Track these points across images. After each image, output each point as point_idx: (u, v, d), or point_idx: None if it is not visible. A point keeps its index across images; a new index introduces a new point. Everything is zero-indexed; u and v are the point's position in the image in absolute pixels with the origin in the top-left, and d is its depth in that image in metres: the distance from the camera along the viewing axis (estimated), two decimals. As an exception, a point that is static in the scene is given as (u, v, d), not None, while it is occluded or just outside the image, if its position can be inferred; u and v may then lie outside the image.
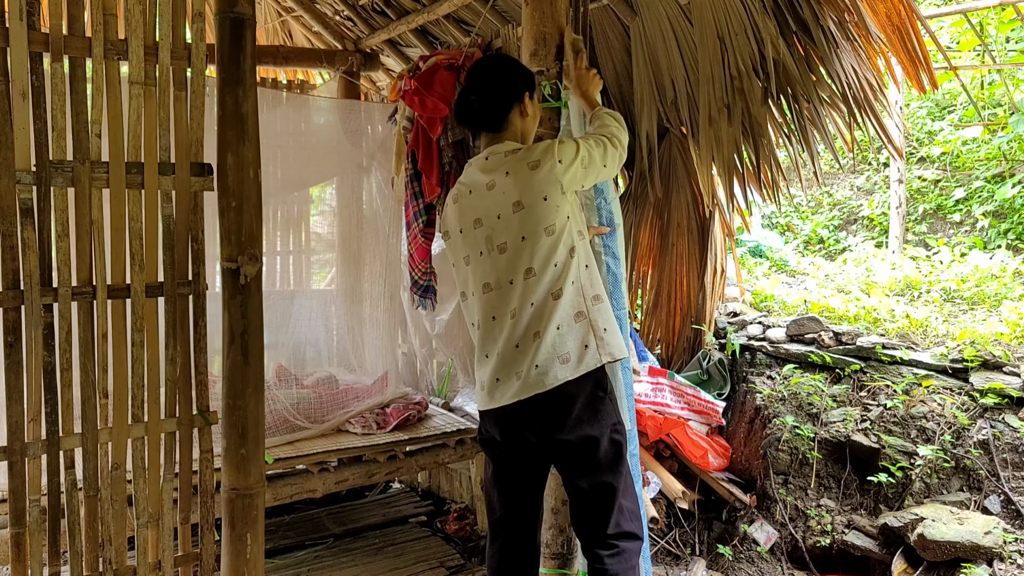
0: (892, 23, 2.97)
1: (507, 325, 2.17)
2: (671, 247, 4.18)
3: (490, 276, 2.21)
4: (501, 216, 2.18)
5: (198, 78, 2.07)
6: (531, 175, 2.14)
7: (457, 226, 2.30)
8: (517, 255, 2.16)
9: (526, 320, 2.14)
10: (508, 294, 2.18)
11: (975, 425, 3.21)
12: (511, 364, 2.16)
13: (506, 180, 2.18)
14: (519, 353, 2.15)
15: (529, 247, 2.14)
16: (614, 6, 3.62)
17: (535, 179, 2.14)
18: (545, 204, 2.14)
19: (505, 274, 2.18)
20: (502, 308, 2.19)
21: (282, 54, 4.62)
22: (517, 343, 2.15)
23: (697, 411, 3.75)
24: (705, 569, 3.33)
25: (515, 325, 2.16)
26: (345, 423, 3.65)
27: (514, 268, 2.16)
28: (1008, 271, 4.96)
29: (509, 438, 2.24)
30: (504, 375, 2.17)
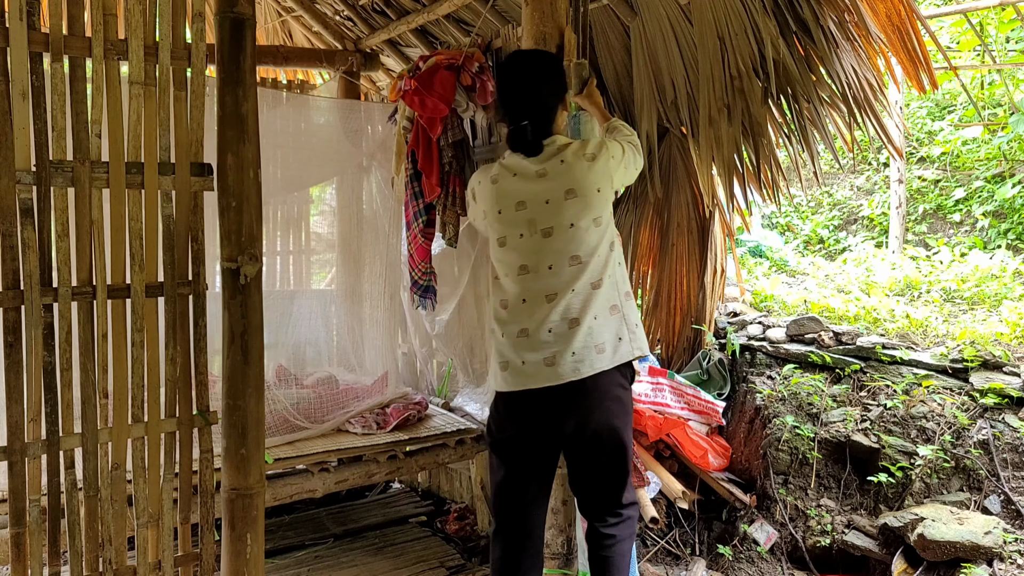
0: (892, 23, 2.97)
1: (541, 309, 2.20)
2: (671, 247, 4.18)
3: (528, 259, 2.24)
4: (550, 202, 2.21)
5: (198, 78, 2.07)
6: (589, 167, 2.23)
7: (496, 207, 2.31)
8: (564, 241, 2.20)
9: (564, 307, 2.18)
10: (546, 278, 2.21)
11: (975, 425, 3.21)
12: (541, 349, 2.18)
13: (560, 168, 2.23)
14: (554, 339, 2.18)
15: (577, 235, 2.20)
16: (614, 6, 3.62)
17: (592, 171, 2.23)
18: (598, 196, 2.23)
19: (546, 258, 2.21)
20: (536, 291, 2.22)
21: (282, 54, 4.62)
22: (551, 328, 2.18)
23: (697, 411, 3.75)
24: (705, 569, 3.33)
25: (551, 310, 2.19)
26: (345, 423, 3.65)
27: (558, 253, 2.20)
28: (1008, 271, 4.96)
29: (532, 422, 2.26)
30: (533, 359, 2.19)
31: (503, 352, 2.27)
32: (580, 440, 2.26)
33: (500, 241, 2.31)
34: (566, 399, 2.19)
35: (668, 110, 3.93)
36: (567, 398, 2.19)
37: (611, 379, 2.20)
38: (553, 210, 2.21)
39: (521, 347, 2.22)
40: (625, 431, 2.28)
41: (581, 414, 2.20)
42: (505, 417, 2.32)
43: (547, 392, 2.19)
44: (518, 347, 2.22)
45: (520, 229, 2.26)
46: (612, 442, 2.26)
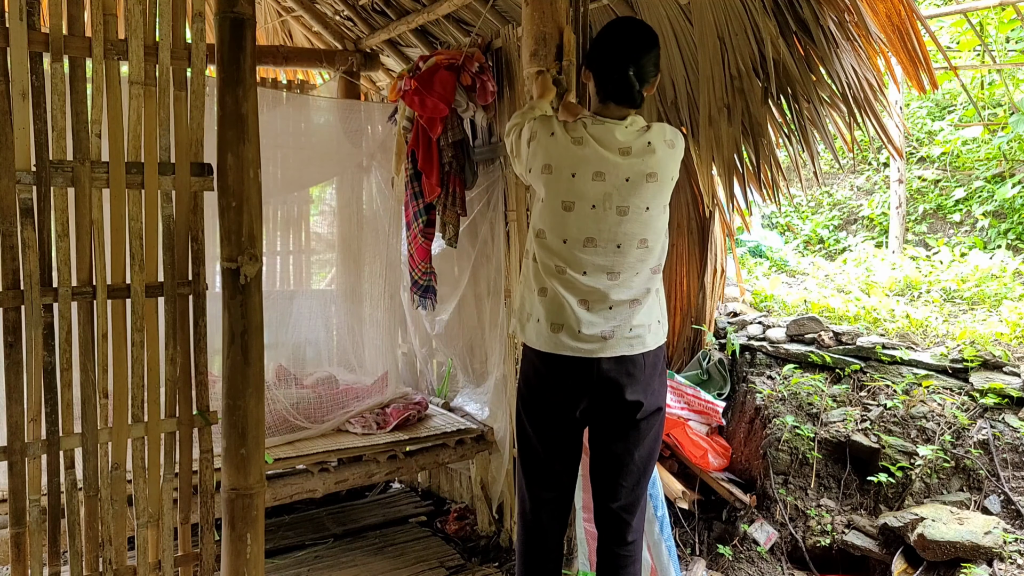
0: (892, 23, 2.97)
1: (604, 285, 2.21)
2: (671, 247, 4.18)
3: (595, 232, 2.22)
4: (631, 180, 2.20)
5: (198, 78, 2.07)
6: (670, 153, 2.24)
7: (570, 169, 2.22)
8: (637, 223, 2.21)
9: (626, 286, 2.22)
10: (612, 256, 2.22)
11: (975, 425, 3.21)
12: (600, 323, 2.21)
13: (647, 150, 2.21)
14: (615, 315, 2.22)
15: (650, 219, 2.22)
16: (614, 6, 3.62)
17: (671, 158, 2.25)
18: (671, 183, 2.26)
19: (615, 236, 2.21)
20: (599, 266, 2.22)
21: (282, 54, 4.62)
22: (612, 305, 2.21)
23: (697, 411, 3.75)
24: (705, 569, 3.33)
25: (612, 287, 2.22)
26: (345, 423, 3.65)
27: (629, 234, 2.21)
28: (1008, 271, 4.96)
29: (577, 389, 2.27)
30: (590, 332, 2.21)
31: (558, 313, 2.24)
32: (618, 413, 2.27)
33: (566, 206, 2.23)
34: (615, 376, 2.22)
35: (668, 110, 3.93)
36: (621, 370, 2.22)
37: (657, 358, 2.28)
38: (632, 190, 2.19)
39: (582, 315, 2.21)
40: (662, 413, 2.33)
41: (633, 387, 2.23)
42: (549, 379, 2.29)
43: (598, 364, 2.21)
44: (579, 314, 2.22)
45: (593, 201, 2.21)
46: (649, 419, 2.28)
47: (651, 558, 2.73)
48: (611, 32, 2.26)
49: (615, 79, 2.20)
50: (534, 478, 2.39)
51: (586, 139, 2.21)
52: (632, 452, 2.29)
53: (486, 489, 3.80)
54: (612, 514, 2.33)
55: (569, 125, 2.24)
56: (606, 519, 2.36)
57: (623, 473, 2.30)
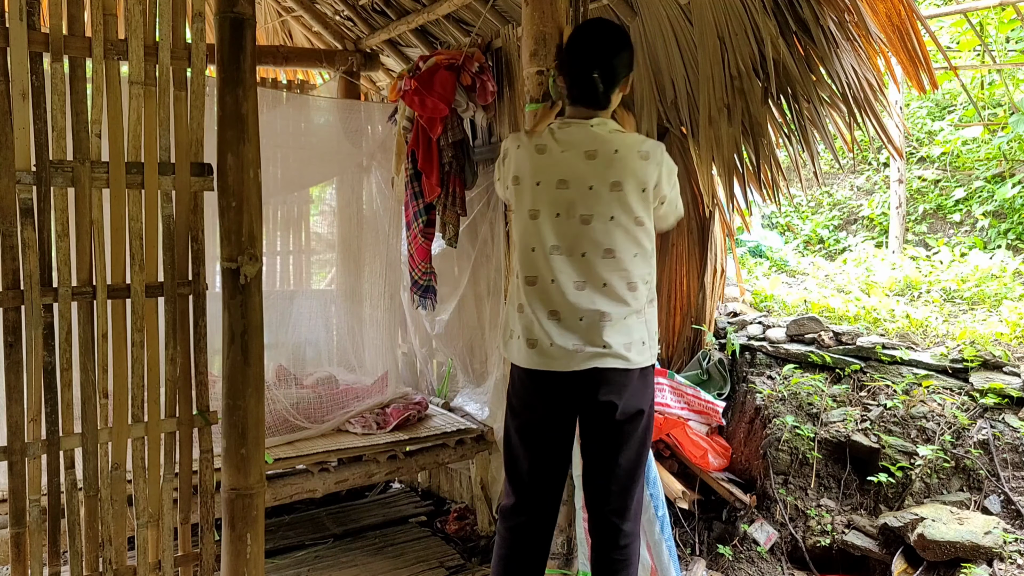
0: (892, 23, 2.97)
1: (571, 294, 2.19)
2: (671, 247, 4.18)
3: (561, 240, 2.21)
4: (594, 188, 2.18)
5: (198, 78, 2.07)
6: (640, 165, 2.18)
7: (534, 178, 2.24)
8: (601, 233, 2.18)
9: (594, 297, 2.18)
10: (577, 264, 2.20)
11: (975, 425, 3.21)
12: (571, 335, 2.18)
13: (613, 157, 2.17)
14: (585, 327, 2.18)
15: (616, 229, 2.18)
16: (614, 6, 3.62)
17: (642, 170, 2.18)
18: (642, 195, 2.20)
19: (580, 245, 2.19)
20: (567, 275, 2.20)
21: (282, 54, 4.62)
22: (582, 316, 2.18)
23: (697, 411, 3.75)
24: (705, 569, 3.33)
25: (581, 297, 2.19)
26: (345, 423, 3.65)
27: (593, 243, 2.18)
28: (1008, 271, 4.96)
29: (557, 403, 2.27)
30: (561, 343, 2.19)
31: (530, 329, 2.24)
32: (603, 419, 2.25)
33: (532, 214, 2.25)
34: (591, 384, 2.20)
35: (668, 110, 3.92)
36: (592, 383, 2.19)
37: (632, 377, 2.23)
38: (595, 198, 2.17)
39: (551, 329, 2.20)
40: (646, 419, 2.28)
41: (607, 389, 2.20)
42: (532, 394, 2.30)
43: (573, 376, 2.19)
44: (548, 328, 2.21)
45: (557, 208, 2.21)
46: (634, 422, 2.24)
47: (651, 558, 2.73)
48: (579, 35, 2.28)
49: (580, 82, 2.21)
50: (517, 490, 2.38)
51: (550, 147, 2.23)
52: (616, 457, 2.27)
53: (486, 489, 3.80)
54: (603, 519, 2.33)
55: (534, 134, 2.26)
56: (598, 524, 2.35)
57: (610, 478, 2.29)
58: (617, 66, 2.21)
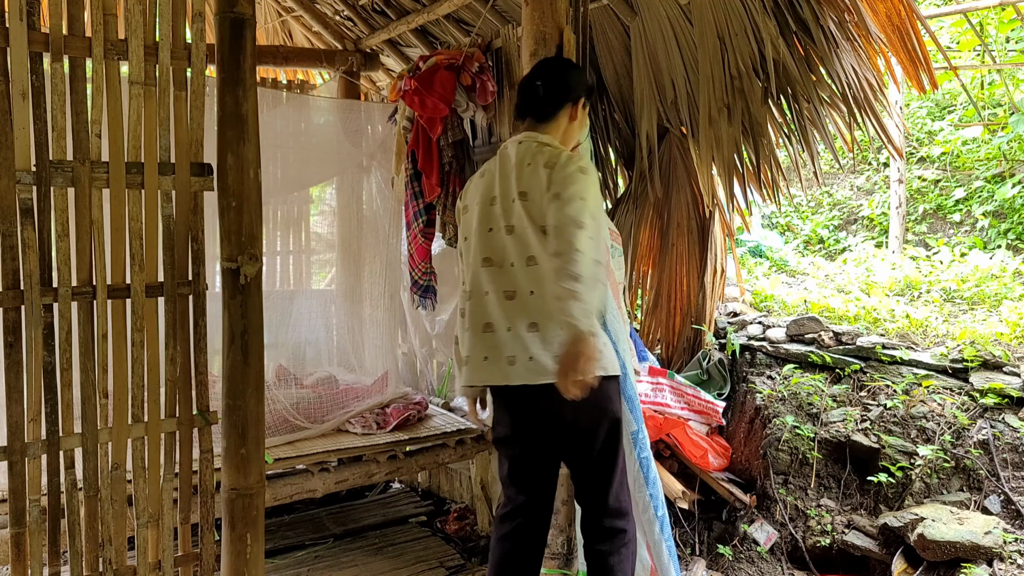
0: (892, 23, 2.97)
1: (502, 304, 2.21)
2: (671, 247, 4.18)
3: (491, 252, 2.26)
4: (512, 199, 2.23)
5: (198, 78, 2.07)
6: (544, 173, 2.17)
7: (472, 201, 2.36)
8: (521, 242, 2.21)
9: (523, 307, 2.19)
10: (506, 273, 2.23)
11: (975, 425, 3.21)
12: (501, 347, 2.20)
13: (522, 167, 2.23)
14: (511, 338, 2.19)
15: (534, 237, 2.19)
16: (614, 6, 3.62)
17: (548, 178, 2.17)
18: (549, 202, 2.15)
19: (507, 255, 2.23)
20: (497, 284, 2.24)
21: (282, 54, 4.63)
22: (510, 327, 2.19)
23: (697, 411, 3.74)
24: (705, 569, 3.33)
25: (510, 307, 2.20)
26: (345, 423, 3.65)
27: (517, 252, 2.22)
28: (1008, 271, 4.96)
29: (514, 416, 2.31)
30: (494, 355, 2.21)
31: (464, 344, 2.31)
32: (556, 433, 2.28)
33: (465, 235, 2.36)
34: (532, 399, 2.21)
35: (668, 110, 3.93)
36: (533, 399, 2.20)
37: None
38: (511, 208, 2.23)
39: (485, 342, 2.24)
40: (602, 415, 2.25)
41: (546, 400, 2.17)
42: (495, 409, 2.36)
43: (510, 390, 2.22)
44: (477, 341, 2.26)
45: (490, 223, 2.28)
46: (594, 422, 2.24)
47: (651, 558, 2.73)
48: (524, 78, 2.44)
49: (521, 93, 2.35)
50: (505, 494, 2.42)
51: (488, 168, 2.34)
52: (582, 458, 2.30)
53: (486, 489, 3.80)
54: (586, 514, 2.37)
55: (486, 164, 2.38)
56: (583, 520, 2.40)
57: (581, 479, 2.35)
58: (557, 81, 2.31)
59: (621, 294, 2.74)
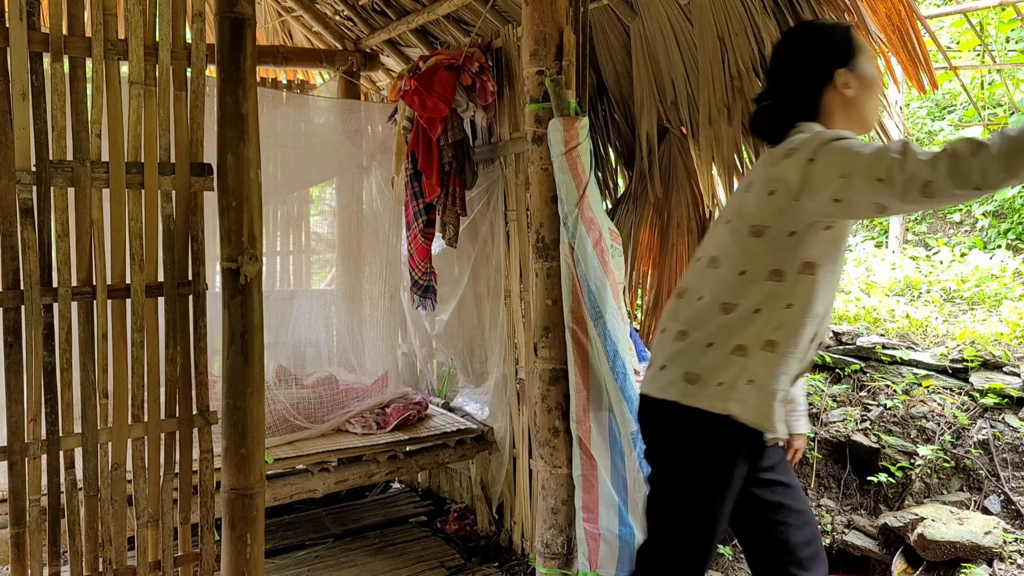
0: (892, 23, 2.97)
1: (671, 304, 2.04)
2: (671, 247, 4.18)
3: (702, 248, 2.07)
4: (738, 191, 2.04)
5: (198, 78, 2.07)
6: (776, 162, 1.83)
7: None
8: (715, 235, 2.02)
9: (683, 309, 1.98)
10: (691, 271, 2.04)
11: (975, 425, 3.21)
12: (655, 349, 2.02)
13: (765, 158, 1.95)
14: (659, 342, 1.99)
15: (726, 235, 1.97)
16: (614, 6, 3.62)
17: (777, 167, 1.83)
18: (767, 199, 1.84)
19: (705, 249, 2.03)
20: (681, 283, 2.05)
21: (282, 54, 4.62)
22: (665, 328, 2.00)
23: (697, 411, 3.74)
24: (705, 569, 3.33)
25: (674, 307, 2.02)
26: (345, 423, 3.65)
27: (704, 247, 2.05)
28: (1008, 271, 4.96)
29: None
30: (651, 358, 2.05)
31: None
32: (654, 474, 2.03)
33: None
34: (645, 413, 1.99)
35: (668, 110, 3.92)
36: (645, 412, 1.99)
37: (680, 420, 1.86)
38: (733, 198, 2.00)
39: (654, 343, 2.03)
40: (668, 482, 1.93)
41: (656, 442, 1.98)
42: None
43: (640, 400, 2.01)
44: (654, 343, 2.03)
45: (723, 214, 2.05)
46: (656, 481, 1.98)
47: (651, 558, 2.72)
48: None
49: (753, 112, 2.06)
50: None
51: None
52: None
53: (486, 489, 3.80)
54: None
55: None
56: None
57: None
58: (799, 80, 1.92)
59: (621, 294, 2.74)
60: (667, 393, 1.88)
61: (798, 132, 1.86)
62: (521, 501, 3.55)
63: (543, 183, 2.68)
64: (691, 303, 1.94)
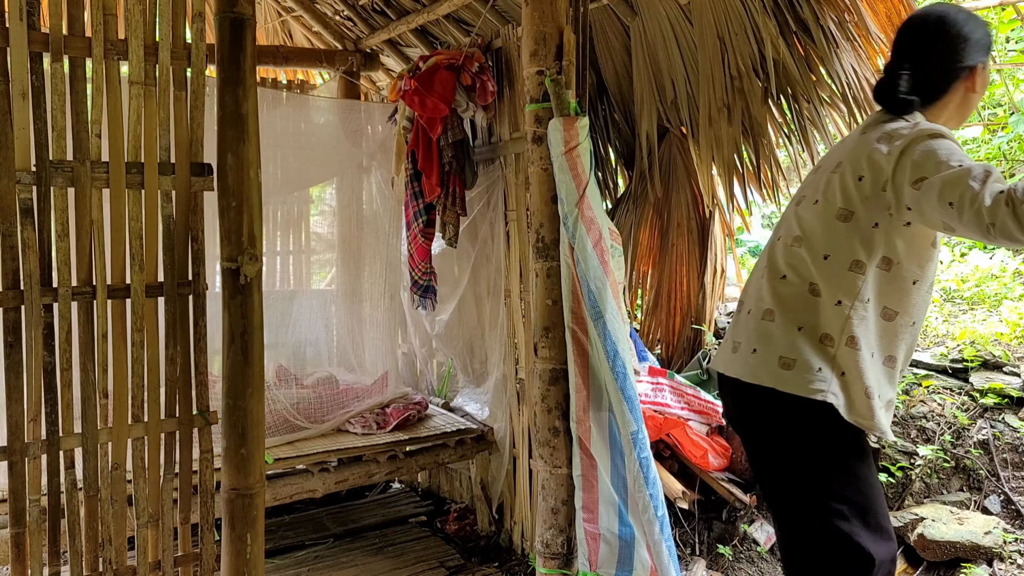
0: (892, 23, 2.97)
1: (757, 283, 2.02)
2: (671, 247, 4.18)
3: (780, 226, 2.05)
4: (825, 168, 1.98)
5: (198, 78, 2.07)
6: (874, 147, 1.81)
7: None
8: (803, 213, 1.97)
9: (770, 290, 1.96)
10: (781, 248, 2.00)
11: (975, 425, 3.21)
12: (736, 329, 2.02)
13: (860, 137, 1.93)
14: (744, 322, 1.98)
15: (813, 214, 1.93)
16: (614, 6, 3.62)
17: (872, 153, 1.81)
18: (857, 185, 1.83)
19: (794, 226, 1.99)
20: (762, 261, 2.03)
21: (282, 54, 4.62)
22: (751, 310, 1.98)
23: (697, 411, 3.74)
24: (705, 569, 3.33)
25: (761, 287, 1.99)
26: (345, 423, 3.65)
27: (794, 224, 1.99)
28: (1008, 271, 4.96)
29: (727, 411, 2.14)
30: (728, 338, 2.05)
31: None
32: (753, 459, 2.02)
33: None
34: (738, 398, 1.95)
35: (668, 110, 3.93)
36: (739, 397, 1.95)
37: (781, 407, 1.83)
38: (817, 176, 1.95)
39: (732, 323, 2.01)
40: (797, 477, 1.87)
41: (749, 427, 1.95)
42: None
43: (727, 382, 1.97)
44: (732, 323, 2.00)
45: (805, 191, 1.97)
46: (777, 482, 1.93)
47: (651, 558, 2.73)
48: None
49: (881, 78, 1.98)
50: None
51: None
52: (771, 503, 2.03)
53: (486, 489, 3.80)
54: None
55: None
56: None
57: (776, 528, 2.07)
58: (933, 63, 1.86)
59: (621, 294, 2.74)
60: (761, 379, 1.84)
61: (901, 120, 1.83)
62: (521, 501, 3.55)
63: (543, 183, 2.68)
64: (776, 282, 1.89)
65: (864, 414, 1.80)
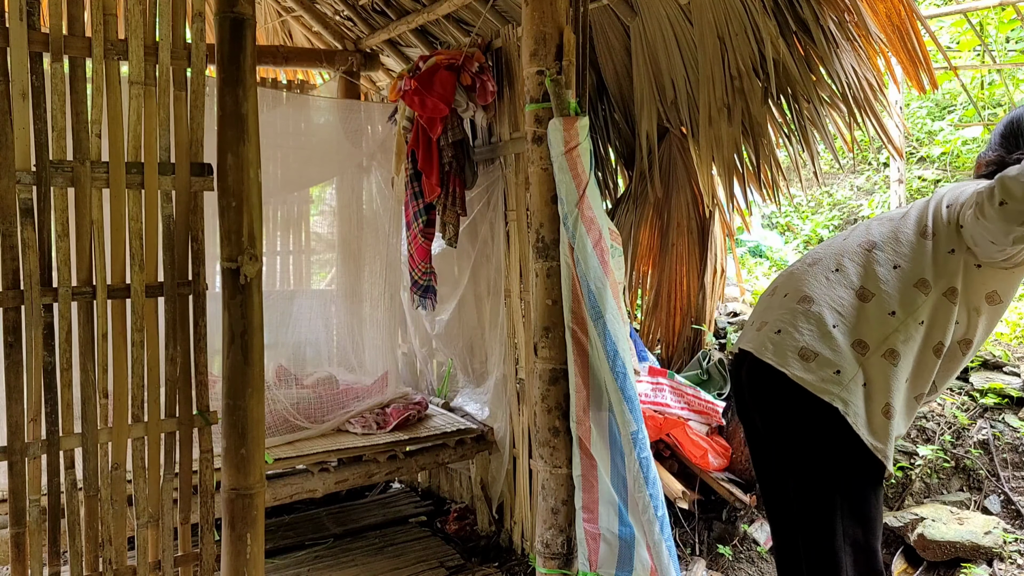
0: (892, 23, 2.97)
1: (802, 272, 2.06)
2: (671, 247, 4.18)
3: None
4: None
5: (198, 78, 2.07)
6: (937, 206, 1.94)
7: None
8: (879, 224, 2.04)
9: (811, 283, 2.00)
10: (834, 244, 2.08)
11: (975, 425, 3.21)
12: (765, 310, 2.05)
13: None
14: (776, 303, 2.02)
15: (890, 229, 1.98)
16: (614, 6, 3.62)
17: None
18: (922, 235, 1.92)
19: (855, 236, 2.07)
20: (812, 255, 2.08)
21: (282, 54, 4.62)
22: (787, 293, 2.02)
23: (697, 411, 3.74)
24: (705, 569, 3.33)
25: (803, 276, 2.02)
26: (345, 423, 3.65)
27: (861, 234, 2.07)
28: (1008, 271, 4.96)
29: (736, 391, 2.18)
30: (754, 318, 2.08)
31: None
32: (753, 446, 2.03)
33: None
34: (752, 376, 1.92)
35: (668, 110, 3.93)
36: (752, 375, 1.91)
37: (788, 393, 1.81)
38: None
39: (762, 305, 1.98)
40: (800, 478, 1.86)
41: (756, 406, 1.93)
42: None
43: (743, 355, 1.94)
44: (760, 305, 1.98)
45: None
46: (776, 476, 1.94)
47: (651, 558, 2.73)
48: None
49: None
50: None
51: None
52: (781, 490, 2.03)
53: (486, 489, 3.80)
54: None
55: None
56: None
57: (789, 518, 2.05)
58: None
59: (621, 294, 2.74)
60: (776, 359, 1.82)
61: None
62: (521, 501, 3.55)
63: (543, 183, 2.68)
64: (829, 273, 1.88)
65: (878, 433, 1.75)
